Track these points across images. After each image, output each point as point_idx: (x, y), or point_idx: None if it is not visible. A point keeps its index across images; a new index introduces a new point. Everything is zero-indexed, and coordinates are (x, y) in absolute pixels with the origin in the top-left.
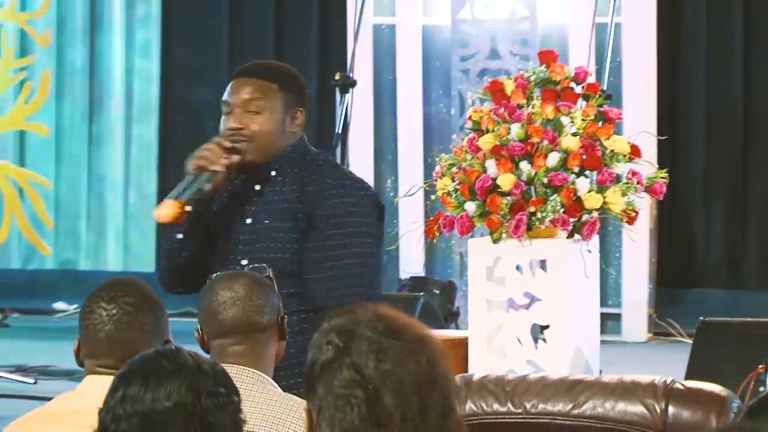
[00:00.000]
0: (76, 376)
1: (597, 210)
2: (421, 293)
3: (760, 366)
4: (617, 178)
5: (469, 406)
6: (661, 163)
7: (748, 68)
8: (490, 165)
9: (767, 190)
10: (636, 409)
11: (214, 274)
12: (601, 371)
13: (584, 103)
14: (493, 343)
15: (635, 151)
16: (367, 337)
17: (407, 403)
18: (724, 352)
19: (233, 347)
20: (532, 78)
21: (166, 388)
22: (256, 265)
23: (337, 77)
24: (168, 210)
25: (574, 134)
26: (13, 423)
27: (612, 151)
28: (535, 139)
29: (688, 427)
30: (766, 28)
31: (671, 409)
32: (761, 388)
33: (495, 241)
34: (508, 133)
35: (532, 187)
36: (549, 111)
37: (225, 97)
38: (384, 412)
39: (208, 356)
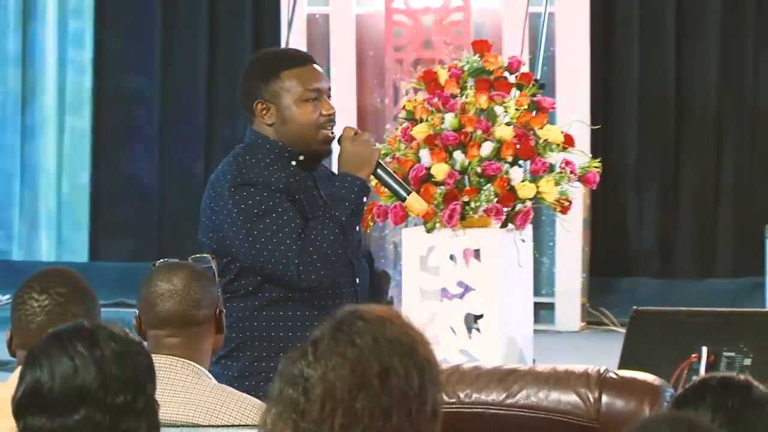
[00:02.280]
0: (9, 367)
1: (530, 199)
2: None
3: (693, 355)
4: (550, 168)
5: None
6: (595, 153)
7: (681, 58)
8: (424, 154)
9: (699, 180)
10: (569, 398)
11: (157, 262)
12: (534, 360)
13: (518, 92)
14: (427, 333)
15: (568, 141)
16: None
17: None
18: (656, 341)
19: (168, 339)
20: (466, 68)
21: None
22: (198, 255)
23: None
24: (424, 204)
25: (508, 124)
26: None
27: (545, 140)
28: (469, 129)
29: (621, 416)
30: (698, 18)
31: (604, 398)
32: (694, 377)
33: (429, 231)
34: (442, 123)
35: (466, 177)
36: (482, 101)
37: (313, 84)
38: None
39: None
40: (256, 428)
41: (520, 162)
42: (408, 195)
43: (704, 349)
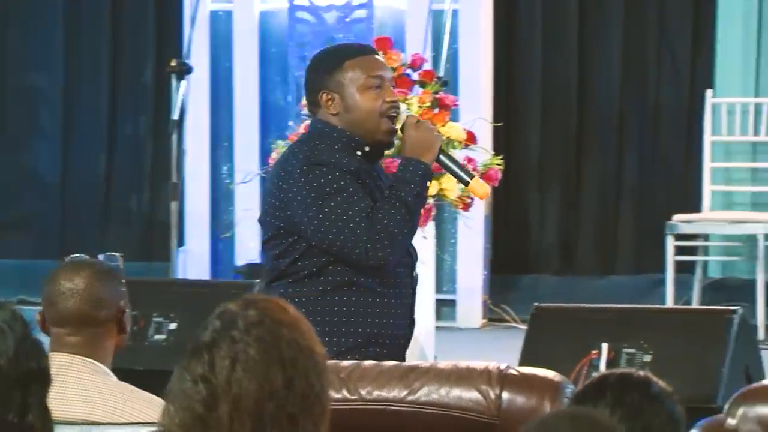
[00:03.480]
0: None
1: (432, 197)
2: (257, 280)
3: (593, 351)
4: None
5: None
6: (497, 150)
7: (583, 56)
8: None
9: (601, 178)
10: (470, 395)
11: (67, 258)
12: (436, 357)
13: (420, 89)
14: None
15: (471, 138)
16: (234, 337)
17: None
18: (557, 337)
19: (69, 337)
20: None
21: None
22: (109, 253)
23: (173, 64)
24: (487, 188)
25: None
26: None
27: (448, 137)
28: None
29: (522, 412)
30: (600, 16)
31: (505, 395)
32: (594, 374)
33: None
34: None
35: None
36: None
37: (375, 72)
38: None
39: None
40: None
41: None
42: (471, 179)
43: (605, 346)
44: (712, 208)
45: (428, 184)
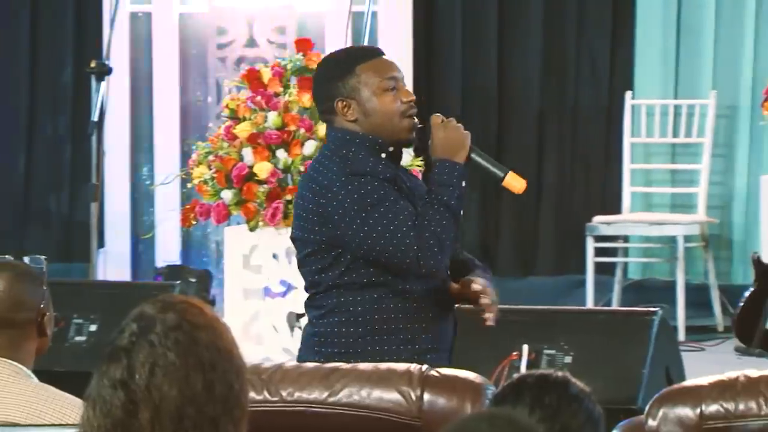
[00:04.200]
0: None
1: None
2: (177, 282)
3: (514, 353)
4: None
5: None
6: (417, 151)
7: (503, 57)
8: (247, 153)
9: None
10: (391, 396)
11: None
12: None
13: None
14: (250, 331)
15: None
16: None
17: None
18: (478, 339)
19: None
20: (289, 66)
21: None
22: (34, 256)
23: (92, 65)
24: (523, 182)
25: None
26: None
27: None
28: (292, 128)
29: (443, 413)
30: (520, 16)
31: (426, 396)
32: (515, 375)
33: (251, 229)
34: (265, 122)
35: (289, 175)
36: (305, 99)
37: (389, 73)
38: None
39: None
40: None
41: None
42: (505, 175)
43: (525, 347)
44: (632, 209)
45: (464, 184)
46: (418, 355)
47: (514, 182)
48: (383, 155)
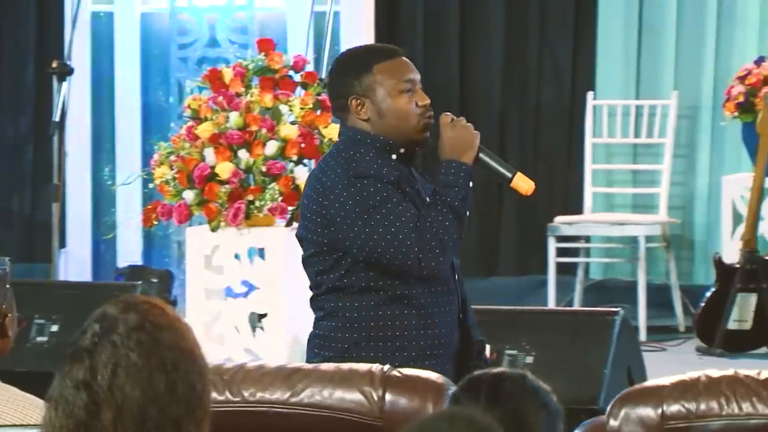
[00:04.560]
0: None
1: None
2: (139, 282)
3: None
4: None
5: None
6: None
7: (464, 57)
8: (209, 153)
9: (483, 179)
10: (353, 396)
11: None
12: None
13: (302, 91)
14: (211, 332)
15: None
16: (115, 342)
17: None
18: None
19: None
20: (251, 66)
21: None
22: None
23: (54, 65)
24: (531, 183)
25: (293, 123)
26: None
27: (330, 139)
28: (254, 128)
29: (405, 413)
30: (481, 17)
31: (388, 396)
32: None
33: (213, 230)
34: (227, 122)
35: (251, 176)
36: (267, 99)
37: (406, 76)
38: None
39: None
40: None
41: (305, 161)
42: (513, 176)
43: (487, 347)
44: (594, 209)
45: (471, 185)
46: (414, 361)
47: (522, 183)
48: (393, 156)
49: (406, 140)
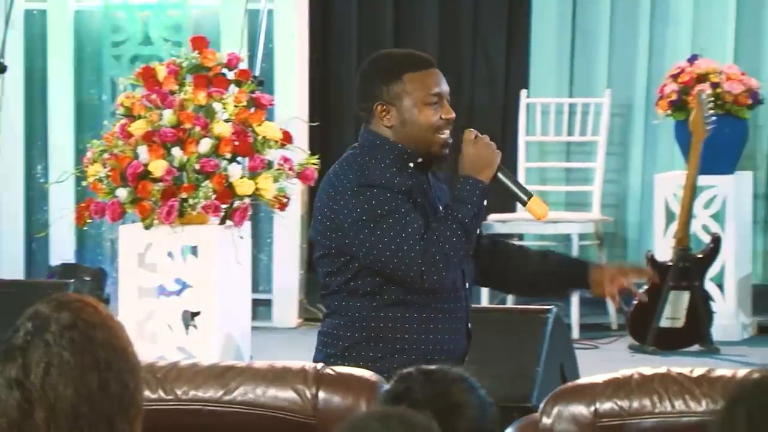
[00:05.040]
0: None
1: (249, 196)
2: (72, 280)
3: None
4: (269, 165)
5: None
6: (313, 150)
7: None
8: (142, 151)
9: None
10: (287, 394)
11: None
12: (252, 357)
13: (236, 89)
14: (144, 330)
15: (287, 138)
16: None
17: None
18: None
19: None
20: (184, 64)
21: None
22: None
23: None
24: (545, 208)
25: (226, 120)
26: None
27: (264, 137)
28: (187, 125)
29: (338, 411)
30: (415, 15)
31: (321, 394)
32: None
33: (146, 228)
34: (160, 119)
35: (184, 173)
36: (201, 97)
37: (435, 89)
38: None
39: None
40: None
41: (239, 159)
42: (528, 199)
43: None
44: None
45: (485, 202)
46: (412, 364)
47: (536, 207)
48: (411, 164)
49: (425, 152)
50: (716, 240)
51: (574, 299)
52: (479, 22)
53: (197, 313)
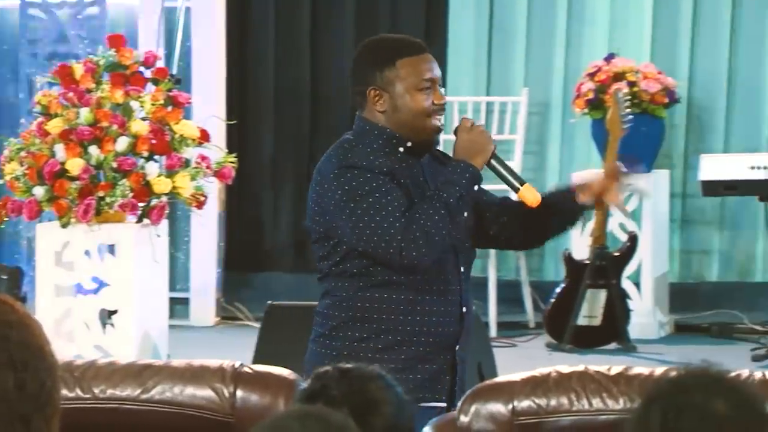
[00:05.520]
0: None
1: (166, 194)
2: None
3: None
4: (186, 163)
5: None
6: (230, 148)
7: (316, 55)
8: (59, 149)
9: None
10: (204, 393)
11: None
12: (169, 356)
13: (153, 87)
14: (61, 329)
15: (204, 136)
16: None
17: None
18: (291, 335)
19: None
20: (101, 62)
21: None
22: None
23: None
24: (538, 196)
25: (143, 119)
26: None
27: (181, 135)
28: (104, 124)
29: (257, 410)
30: (333, 15)
31: (239, 393)
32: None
33: (63, 226)
34: (77, 118)
35: (101, 172)
36: (118, 95)
37: (428, 74)
38: None
39: None
40: None
41: (156, 157)
42: (521, 186)
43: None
44: None
45: (476, 188)
46: (400, 345)
47: (529, 195)
48: (401, 149)
49: (417, 137)
50: (633, 238)
51: (492, 297)
52: (397, 21)
53: (114, 312)
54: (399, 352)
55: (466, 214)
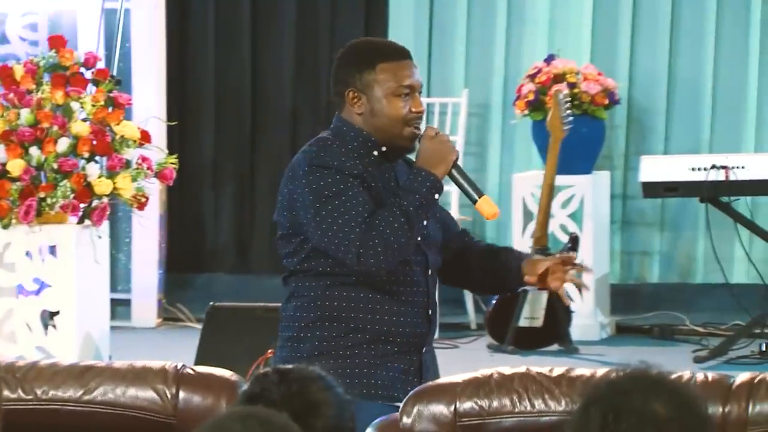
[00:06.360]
0: None
1: (107, 196)
2: None
3: (269, 350)
4: (127, 164)
5: None
6: (171, 149)
7: (256, 55)
8: None
9: (275, 177)
10: (147, 394)
11: None
12: (111, 357)
13: (94, 88)
14: (2, 330)
15: (145, 137)
16: None
17: None
18: (233, 336)
19: None
20: (42, 63)
21: None
22: None
23: None
24: (495, 208)
25: (84, 120)
26: None
27: (122, 136)
28: (45, 125)
29: (199, 411)
30: (273, 16)
31: (182, 394)
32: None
33: (4, 227)
34: (18, 119)
35: (42, 173)
36: (59, 96)
37: (407, 81)
38: None
39: None
40: None
41: (97, 158)
42: (479, 198)
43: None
44: None
45: (437, 196)
46: (368, 344)
47: (486, 207)
48: (375, 153)
49: (392, 143)
50: (574, 239)
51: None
52: (336, 21)
53: (56, 313)
54: (369, 350)
55: (425, 222)
